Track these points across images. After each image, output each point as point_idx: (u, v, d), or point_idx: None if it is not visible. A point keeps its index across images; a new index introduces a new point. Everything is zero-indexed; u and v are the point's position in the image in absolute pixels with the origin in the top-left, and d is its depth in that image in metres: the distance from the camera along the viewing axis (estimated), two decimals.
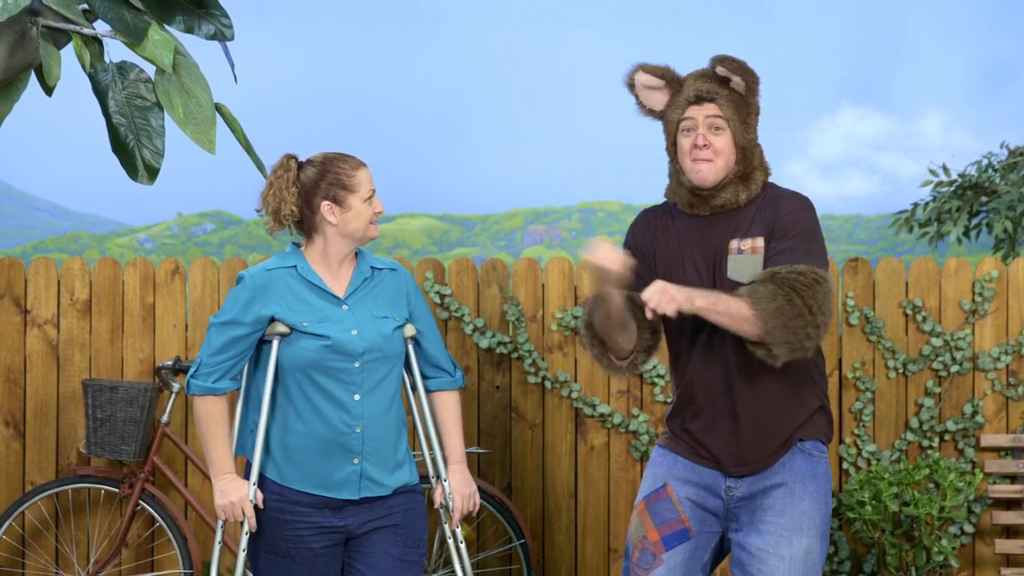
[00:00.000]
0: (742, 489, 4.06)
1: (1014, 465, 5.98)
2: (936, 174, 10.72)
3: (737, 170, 4.05)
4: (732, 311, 3.86)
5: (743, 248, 4.01)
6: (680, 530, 4.10)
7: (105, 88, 3.47)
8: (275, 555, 4.12)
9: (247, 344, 4.13)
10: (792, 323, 3.84)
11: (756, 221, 4.04)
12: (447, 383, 4.38)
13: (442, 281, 6.14)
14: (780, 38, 75.93)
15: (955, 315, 6.09)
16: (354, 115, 73.64)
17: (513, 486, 6.12)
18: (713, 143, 4.03)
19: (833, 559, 6.06)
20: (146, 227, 62.84)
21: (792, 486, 4.03)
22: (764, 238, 4.00)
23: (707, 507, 4.10)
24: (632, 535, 4.18)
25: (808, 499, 4.03)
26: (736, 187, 4.05)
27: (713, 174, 4.03)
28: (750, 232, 4.03)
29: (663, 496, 4.13)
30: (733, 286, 3.97)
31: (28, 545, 6.12)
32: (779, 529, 4.00)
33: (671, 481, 4.13)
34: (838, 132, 62.32)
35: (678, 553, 4.09)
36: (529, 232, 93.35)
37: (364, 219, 4.15)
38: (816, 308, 3.87)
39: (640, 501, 4.18)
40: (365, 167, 4.20)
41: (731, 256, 4.01)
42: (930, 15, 71.52)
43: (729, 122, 4.04)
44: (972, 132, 55.51)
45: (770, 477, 4.04)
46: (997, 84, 71.90)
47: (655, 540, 4.11)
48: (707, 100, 4.06)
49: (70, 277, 6.14)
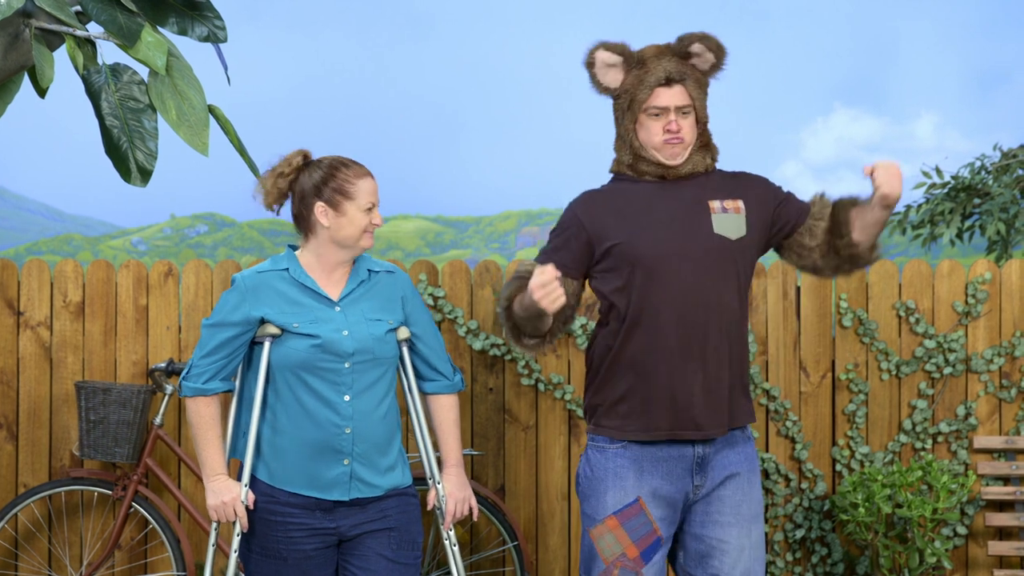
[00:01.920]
0: (707, 485, 4.11)
1: (1007, 467, 5.99)
2: (929, 176, 10.73)
3: (698, 142, 4.17)
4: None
5: (727, 207, 4.13)
6: (655, 541, 4.14)
7: (98, 90, 3.47)
8: (267, 557, 4.12)
9: (237, 345, 4.14)
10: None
11: (727, 187, 4.18)
12: (445, 386, 4.38)
13: (435, 283, 6.14)
14: (774, 41, 76.22)
15: (948, 317, 6.10)
16: (348, 117, 74.01)
17: (507, 488, 6.12)
18: (683, 127, 4.12)
19: (826, 561, 6.07)
20: (139, 229, 62.93)
21: (748, 475, 4.15)
22: (743, 201, 4.15)
23: (677, 508, 4.16)
24: (605, 551, 4.12)
25: (756, 488, 4.17)
26: (701, 154, 4.17)
27: (684, 154, 4.15)
28: (726, 195, 4.15)
29: (636, 511, 4.12)
30: (720, 242, 4.08)
31: (21, 547, 6.11)
32: (739, 520, 4.09)
33: (643, 494, 4.12)
34: (831, 134, 62.63)
35: (655, 563, 4.16)
36: (523, 234, 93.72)
37: (358, 227, 4.15)
38: None
39: (611, 516, 4.14)
40: (370, 177, 4.19)
41: (715, 214, 4.11)
42: (923, 19, 71.93)
43: (695, 102, 4.13)
44: (965, 134, 55.86)
45: (727, 467, 4.11)
46: (990, 87, 72.28)
47: (634, 556, 4.12)
48: (676, 81, 4.10)
49: (63, 279, 6.13)
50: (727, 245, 4.07)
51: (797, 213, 4.20)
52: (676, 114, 4.10)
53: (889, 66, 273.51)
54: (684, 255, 4.06)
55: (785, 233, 4.21)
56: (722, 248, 4.07)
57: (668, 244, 4.07)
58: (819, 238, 4.19)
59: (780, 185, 4.26)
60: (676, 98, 4.09)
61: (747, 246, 4.11)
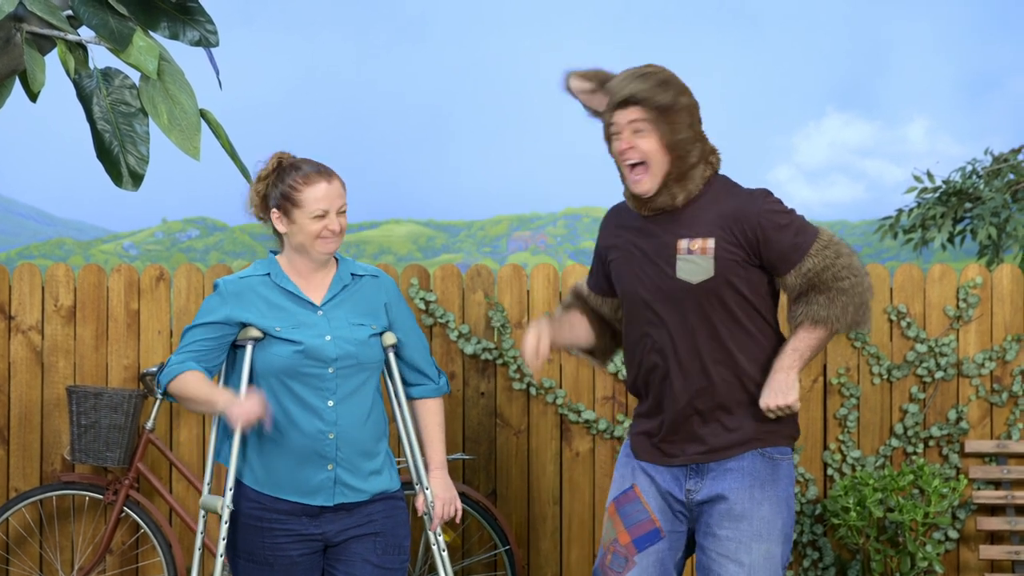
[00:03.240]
0: (702, 493, 4.08)
1: (998, 471, 5.99)
2: (921, 180, 10.75)
3: (672, 172, 4.05)
4: (816, 344, 4.05)
5: (692, 248, 4.04)
6: (651, 531, 4.12)
7: (90, 94, 3.47)
8: (253, 562, 4.12)
9: (215, 344, 4.11)
10: (859, 300, 4.02)
11: (704, 220, 4.06)
12: (430, 390, 4.36)
13: (427, 287, 6.14)
14: (768, 45, 76.37)
15: (939, 321, 6.11)
16: (340, 122, 74.06)
17: (498, 492, 6.12)
18: (638, 145, 4.04)
19: (818, 565, 6.07)
20: (131, 233, 62.90)
21: (751, 490, 4.05)
22: (715, 239, 4.02)
23: (673, 507, 4.13)
24: (604, 537, 4.21)
25: (768, 504, 4.05)
26: (671, 189, 4.06)
27: (650, 183, 4.07)
28: (699, 231, 4.05)
29: (632, 497, 4.15)
30: (682, 286, 4.03)
31: (12, 552, 6.10)
32: (739, 535, 4.02)
33: (638, 482, 4.15)
34: (824, 138, 62.70)
35: (650, 554, 4.11)
36: (514, 238, 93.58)
37: (308, 234, 4.08)
38: (854, 270, 4.03)
39: (610, 503, 4.21)
40: (323, 183, 4.09)
41: (680, 256, 4.05)
42: (916, 23, 72.13)
43: (653, 124, 4.03)
44: (957, 139, 55.99)
45: (729, 480, 4.06)
46: (982, 91, 72.47)
47: (626, 543, 4.13)
48: (631, 103, 4.06)
49: (54, 283, 6.13)
50: (689, 289, 4.03)
51: (774, 266, 4.07)
52: (629, 132, 4.05)
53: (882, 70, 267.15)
54: (649, 299, 4.10)
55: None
56: (685, 292, 4.04)
57: (639, 287, 4.13)
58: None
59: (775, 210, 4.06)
60: (628, 116, 4.04)
61: (716, 287, 4.02)
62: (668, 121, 4.02)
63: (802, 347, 4.03)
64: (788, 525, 4.09)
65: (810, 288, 4.00)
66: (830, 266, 3.98)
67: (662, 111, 4.02)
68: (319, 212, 4.06)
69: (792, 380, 4.00)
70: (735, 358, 4.06)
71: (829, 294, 3.99)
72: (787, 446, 4.12)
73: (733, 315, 4.05)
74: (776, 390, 4.00)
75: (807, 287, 4.00)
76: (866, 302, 4.03)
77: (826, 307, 3.99)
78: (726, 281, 4.01)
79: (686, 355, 4.06)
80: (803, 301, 4.02)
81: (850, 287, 3.99)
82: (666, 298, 4.06)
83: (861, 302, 4.01)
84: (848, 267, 4.00)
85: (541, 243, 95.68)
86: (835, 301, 3.99)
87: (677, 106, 4.04)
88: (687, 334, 4.05)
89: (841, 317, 3.99)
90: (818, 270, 3.98)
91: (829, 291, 3.99)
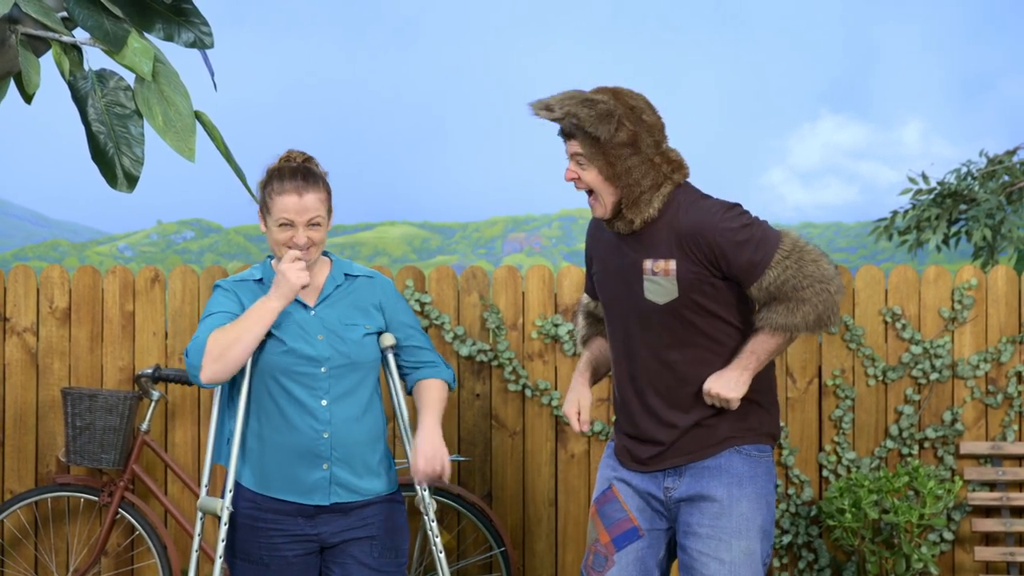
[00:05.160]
0: (680, 490, 4.11)
1: (993, 472, 6.00)
2: (915, 182, 10.76)
3: (623, 199, 4.07)
4: (773, 349, 4.09)
5: (656, 270, 4.09)
6: (629, 529, 4.16)
7: (84, 96, 3.46)
8: (249, 562, 4.13)
9: (235, 316, 4.12)
10: (821, 308, 4.01)
11: (663, 241, 4.07)
12: (436, 372, 4.33)
13: (422, 289, 6.14)
14: (760, 47, 76.37)
15: (934, 323, 6.11)
16: (334, 123, 74.10)
17: (493, 494, 6.12)
18: (582, 176, 4.08)
19: (814, 567, 6.07)
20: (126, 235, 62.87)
21: (730, 488, 4.09)
22: (676, 260, 4.05)
23: (652, 505, 4.16)
24: (587, 539, 4.28)
25: (747, 501, 4.10)
26: (625, 215, 4.08)
27: (602, 210, 4.13)
28: (660, 253, 4.07)
29: (610, 497, 4.21)
30: (650, 306, 4.08)
31: (7, 554, 6.10)
32: (718, 532, 4.06)
33: (616, 482, 4.21)
34: (817, 140, 62.75)
35: (629, 552, 4.16)
36: (509, 240, 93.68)
37: (275, 242, 4.12)
38: (817, 276, 4.01)
39: (592, 504, 4.28)
40: (292, 195, 4.08)
41: (646, 277, 4.10)
42: (910, 25, 72.15)
43: (590, 159, 4.05)
44: (951, 140, 56.02)
45: (708, 478, 4.09)
46: (976, 93, 72.50)
47: (606, 542, 4.18)
48: (569, 136, 4.08)
49: (49, 285, 6.12)
50: (657, 309, 4.07)
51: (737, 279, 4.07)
52: (572, 162, 4.08)
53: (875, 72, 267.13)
54: (623, 316, 4.18)
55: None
56: (653, 312, 4.08)
57: (613, 302, 4.21)
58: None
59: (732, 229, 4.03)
60: (570, 146, 4.08)
61: (680, 306, 4.05)
62: (606, 156, 4.03)
63: (760, 350, 4.08)
64: (768, 522, 4.14)
65: (771, 299, 4.04)
66: (791, 278, 4.00)
67: (599, 146, 4.02)
68: (282, 220, 4.09)
69: (744, 380, 4.06)
70: (706, 371, 4.13)
71: (789, 304, 4.02)
72: (766, 444, 4.18)
73: (701, 330, 4.11)
74: (725, 382, 4.05)
75: (769, 298, 4.04)
76: (830, 307, 4.03)
77: (786, 316, 4.02)
78: (691, 301, 4.06)
79: (657, 369, 4.13)
80: (765, 308, 4.07)
81: (812, 295, 4.01)
82: (637, 316, 4.14)
83: (824, 309, 4.02)
84: (810, 276, 4.01)
85: (536, 245, 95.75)
86: (796, 311, 4.02)
87: (615, 141, 4.01)
88: (658, 349, 4.12)
89: (801, 325, 4.03)
90: (779, 283, 4.01)
91: (790, 301, 4.02)
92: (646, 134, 4.03)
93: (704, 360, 4.10)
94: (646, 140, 4.03)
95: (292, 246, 4.09)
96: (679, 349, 4.09)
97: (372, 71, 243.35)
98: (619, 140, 4.00)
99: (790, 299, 4.00)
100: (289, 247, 4.09)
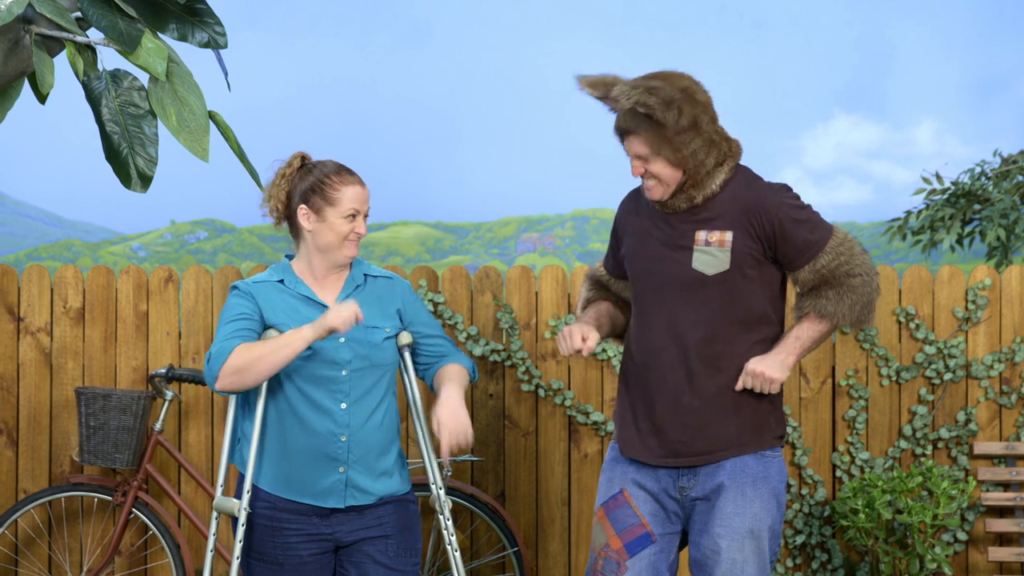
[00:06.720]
0: (696, 490, 4.11)
1: (1007, 473, 5.98)
2: (929, 182, 10.74)
3: (688, 181, 4.06)
4: (817, 337, 4.09)
5: (710, 240, 4.07)
6: (642, 535, 4.14)
7: (98, 96, 3.47)
8: (264, 562, 4.13)
9: (251, 323, 4.08)
10: (866, 299, 4.05)
11: (723, 213, 4.07)
12: (457, 359, 4.31)
13: (435, 289, 6.14)
14: (774, 47, 76.35)
15: (948, 323, 6.10)
16: (347, 124, 74.14)
17: (507, 494, 6.12)
18: (648, 168, 4.07)
19: (827, 567, 6.06)
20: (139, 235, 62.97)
21: (743, 488, 4.09)
22: (733, 232, 4.05)
23: (666, 508, 4.14)
24: (594, 543, 4.22)
25: (759, 501, 4.11)
26: (688, 193, 4.08)
27: (661, 193, 4.10)
28: (717, 224, 4.07)
29: (621, 502, 4.18)
30: (696, 277, 4.05)
31: (21, 553, 6.11)
32: (731, 532, 4.07)
33: (627, 486, 4.17)
34: (831, 140, 62.63)
35: (642, 558, 4.14)
36: (522, 240, 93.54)
37: (338, 234, 4.11)
38: (865, 268, 4.06)
39: (599, 508, 4.23)
40: (358, 186, 4.14)
41: (697, 247, 4.07)
42: (923, 25, 72.03)
43: (656, 151, 4.03)
44: (965, 140, 55.88)
45: (722, 478, 4.09)
46: (990, 93, 72.36)
47: (618, 548, 4.15)
48: (629, 134, 4.07)
49: (63, 285, 6.13)
50: (702, 281, 4.05)
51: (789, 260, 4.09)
52: (636, 160, 4.08)
53: (889, 72, 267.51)
54: (659, 288, 4.13)
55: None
56: (697, 283, 4.06)
57: (651, 275, 4.16)
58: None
59: (792, 205, 4.07)
60: (633, 148, 4.07)
61: (729, 279, 4.05)
62: (671, 143, 4.02)
63: (804, 336, 4.08)
64: (777, 522, 4.16)
65: (822, 283, 4.04)
66: (843, 263, 4.03)
67: (664, 137, 4.01)
68: (351, 212, 4.10)
69: (788, 364, 4.06)
70: (736, 350, 4.10)
71: (839, 290, 4.03)
72: (777, 446, 4.18)
73: (740, 313, 4.07)
74: (770, 363, 4.04)
75: (819, 282, 4.04)
76: (872, 301, 4.07)
77: (834, 302, 4.04)
78: (741, 274, 4.04)
79: (690, 345, 4.09)
80: (812, 294, 4.06)
81: (860, 285, 4.03)
82: (679, 286, 4.08)
83: (868, 301, 4.05)
84: (861, 265, 4.04)
85: (549, 244, 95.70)
86: (844, 298, 4.03)
87: (680, 126, 4.01)
88: (691, 325, 4.08)
89: (847, 314, 4.04)
90: (832, 267, 4.03)
91: (840, 287, 4.03)
92: (703, 113, 4.05)
93: (736, 339, 4.07)
94: (703, 120, 4.04)
95: (353, 237, 4.11)
96: (716, 325, 4.07)
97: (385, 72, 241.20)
98: (682, 125, 4.01)
99: (841, 284, 4.03)
100: (349, 239, 4.11)
